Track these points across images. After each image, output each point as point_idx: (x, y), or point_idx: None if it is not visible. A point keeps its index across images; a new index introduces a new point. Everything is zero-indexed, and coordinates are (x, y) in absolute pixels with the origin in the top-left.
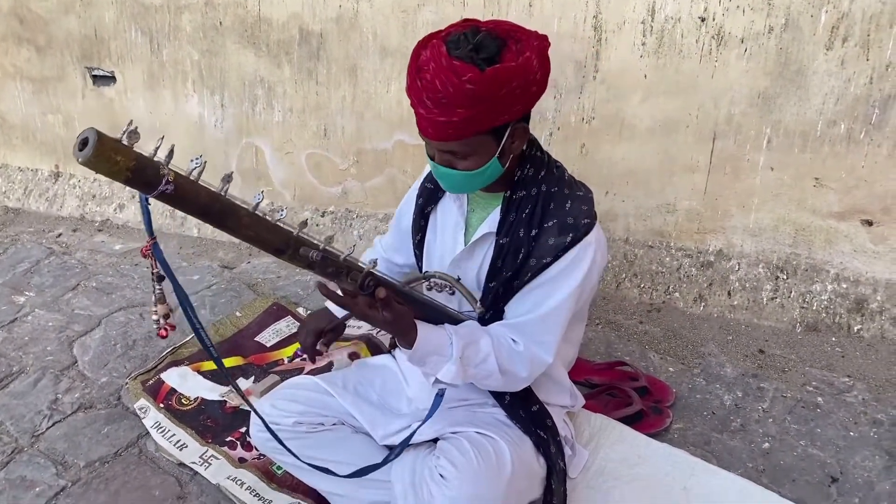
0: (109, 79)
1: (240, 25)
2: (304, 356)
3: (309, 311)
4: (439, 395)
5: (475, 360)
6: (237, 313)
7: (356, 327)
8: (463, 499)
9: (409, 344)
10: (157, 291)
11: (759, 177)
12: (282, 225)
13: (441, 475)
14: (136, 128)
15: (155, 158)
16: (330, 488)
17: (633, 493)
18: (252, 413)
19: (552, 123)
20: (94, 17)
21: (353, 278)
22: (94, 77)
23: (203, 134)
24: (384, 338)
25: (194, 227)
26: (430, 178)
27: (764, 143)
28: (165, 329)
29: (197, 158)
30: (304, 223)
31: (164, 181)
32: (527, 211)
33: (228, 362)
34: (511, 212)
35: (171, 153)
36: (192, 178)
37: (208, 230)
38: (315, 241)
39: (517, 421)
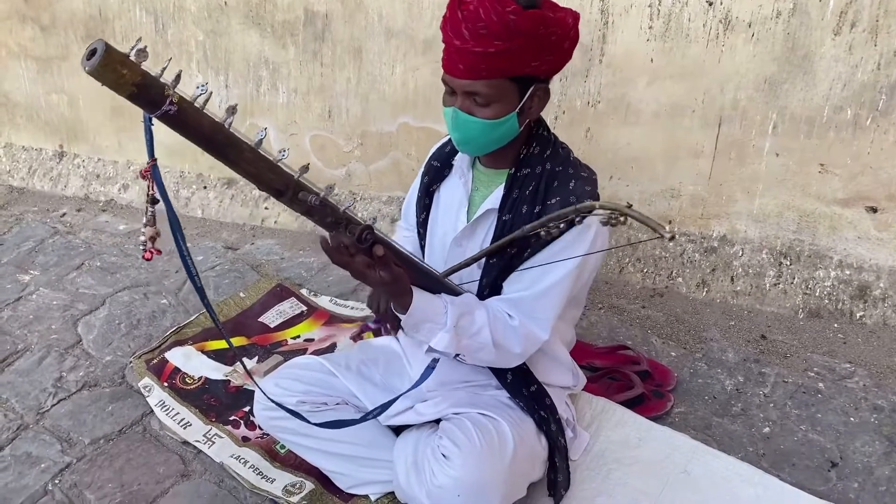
0: None
1: (245, 6)
2: (375, 325)
3: (312, 292)
4: (430, 368)
5: (469, 330)
6: (241, 294)
7: (360, 309)
8: (465, 479)
9: (403, 308)
10: (149, 213)
11: (764, 162)
12: (283, 166)
13: (443, 455)
14: (146, 47)
15: (161, 79)
16: (332, 467)
17: (634, 475)
18: (256, 391)
19: (557, 107)
20: None
21: (351, 231)
22: None
23: None
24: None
25: (198, 208)
26: (436, 156)
27: (769, 129)
28: (150, 252)
29: (203, 86)
30: (306, 167)
31: (168, 101)
32: (530, 188)
33: (232, 342)
34: (514, 189)
35: (177, 77)
36: (196, 104)
37: (212, 211)
38: (315, 188)
39: (519, 400)
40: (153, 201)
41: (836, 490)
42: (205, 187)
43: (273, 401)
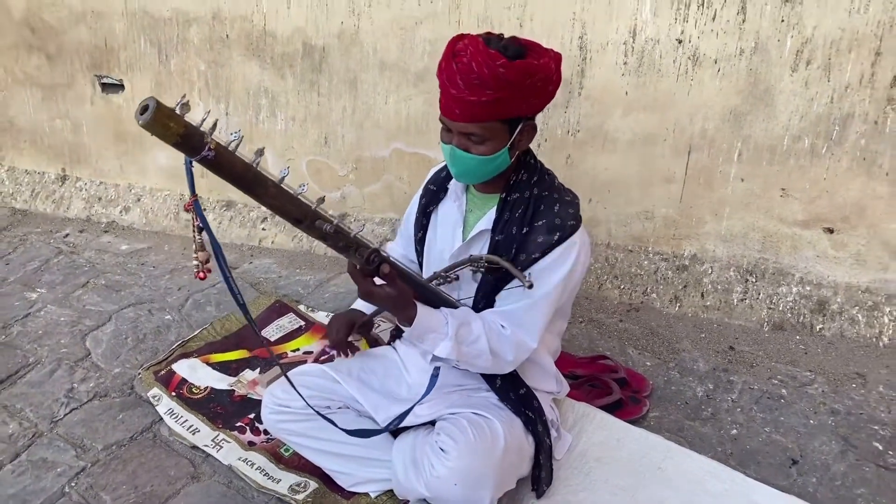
0: (118, 86)
1: (245, 38)
2: (333, 352)
3: (310, 308)
4: (434, 376)
5: (468, 339)
6: None
7: None
8: (462, 469)
9: (408, 320)
10: (198, 240)
11: (730, 187)
12: (302, 198)
13: (441, 449)
14: (188, 101)
15: (201, 128)
16: (334, 467)
17: (613, 472)
18: (264, 397)
19: (540, 135)
20: (105, 27)
21: (361, 254)
22: (103, 85)
23: None
24: (383, 334)
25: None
26: (433, 180)
27: (735, 156)
28: (203, 272)
29: (236, 132)
30: (322, 199)
31: (206, 148)
32: (520, 211)
33: (235, 355)
34: (506, 211)
35: (214, 126)
36: (230, 148)
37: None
38: (330, 217)
39: (508, 402)
40: (199, 230)
41: (797, 485)
42: (204, 209)
43: (312, 406)
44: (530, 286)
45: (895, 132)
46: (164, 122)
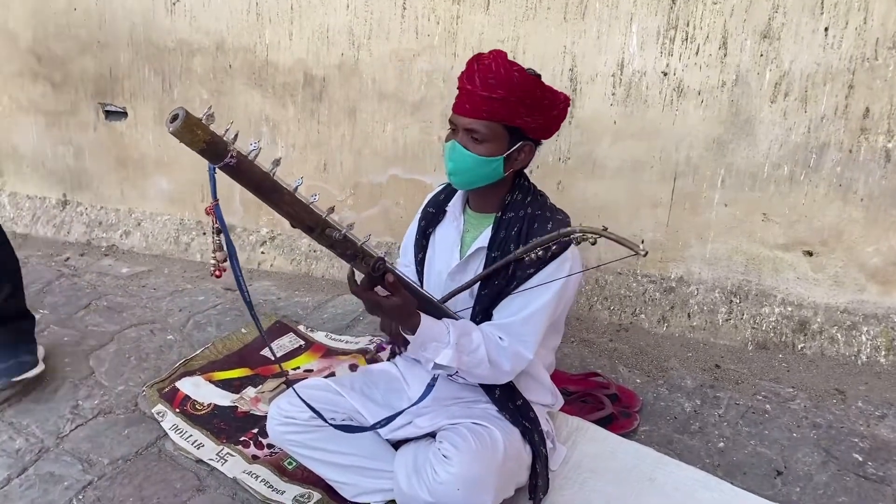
0: (121, 114)
1: (248, 69)
2: (388, 344)
3: (309, 328)
4: (430, 386)
5: (468, 348)
6: (242, 330)
7: (354, 343)
8: (465, 474)
9: (412, 329)
10: (216, 241)
11: (714, 212)
12: (314, 208)
13: (444, 455)
14: (213, 112)
15: (224, 138)
16: (338, 477)
17: (607, 483)
18: (270, 409)
19: (533, 162)
20: (110, 57)
21: (367, 262)
22: (107, 112)
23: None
24: (382, 353)
25: (197, 252)
26: (431, 203)
27: (718, 183)
28: (220, 270)
29: (255, 143)
30: (332, 209)
31: (229, 155)
32: (515, 230)
33: (237, 373)
34: (501, 230)
35: (235, 137)
36: (250, 158)
37: (209, 256)
38: (339, 226)
39: (506, 412)
40: (218, 232)
41: (782, 494)
42: (204, 233)
43: (316, 412)
44: (645, 254)
45: (868, 160)
46: (193, 130)
